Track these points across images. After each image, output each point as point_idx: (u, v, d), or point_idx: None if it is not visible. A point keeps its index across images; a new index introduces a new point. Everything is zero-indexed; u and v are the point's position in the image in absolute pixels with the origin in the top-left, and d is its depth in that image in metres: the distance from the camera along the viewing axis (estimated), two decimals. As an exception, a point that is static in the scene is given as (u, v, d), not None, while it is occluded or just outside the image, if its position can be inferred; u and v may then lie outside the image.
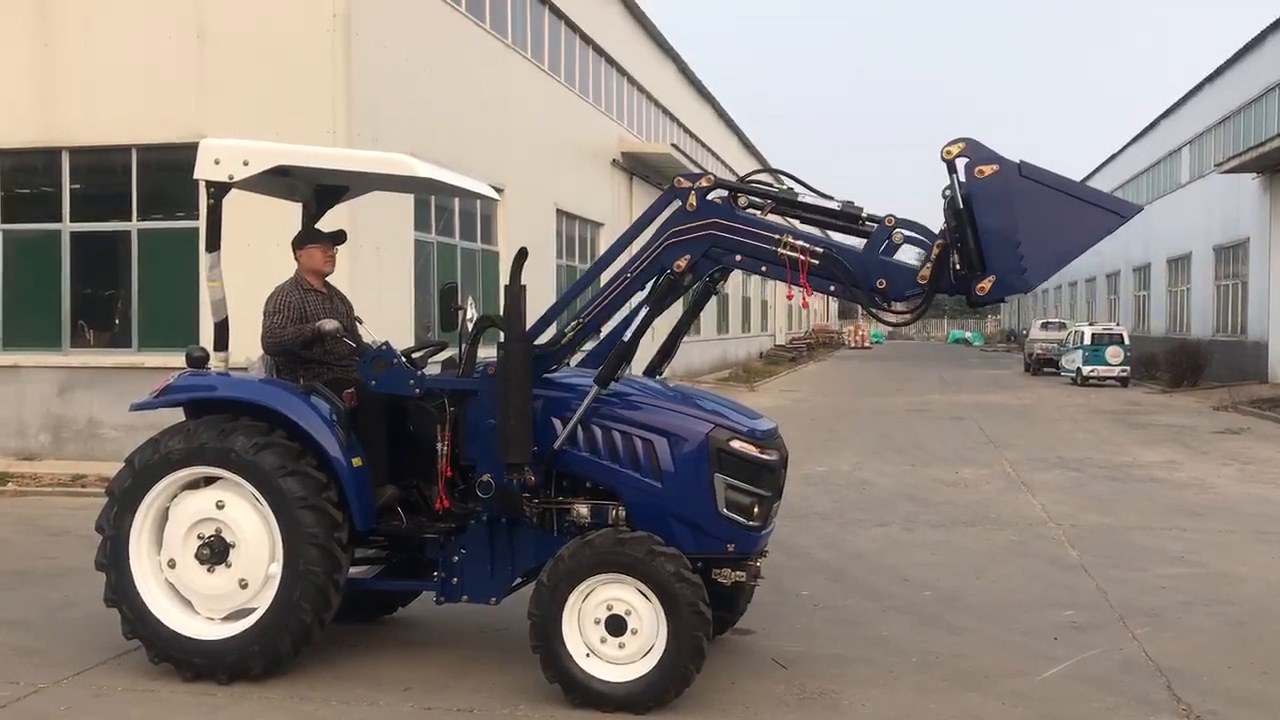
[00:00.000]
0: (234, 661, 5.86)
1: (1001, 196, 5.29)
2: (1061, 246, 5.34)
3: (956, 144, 5.35)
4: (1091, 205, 5.35)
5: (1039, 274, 5.35)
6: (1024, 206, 5.27)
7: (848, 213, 5.73)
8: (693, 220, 5.70)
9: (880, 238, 5.59)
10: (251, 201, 6.89)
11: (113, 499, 6.07)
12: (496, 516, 5.95)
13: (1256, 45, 32.01)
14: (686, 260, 5.70)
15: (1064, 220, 5.29)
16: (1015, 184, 5.29)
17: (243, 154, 6.10)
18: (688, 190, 5.73)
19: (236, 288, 6.52)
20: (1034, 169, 5.33)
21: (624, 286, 5.84)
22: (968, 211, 5.31)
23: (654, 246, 5.76)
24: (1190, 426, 20.98)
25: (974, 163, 5.32)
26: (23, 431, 14.56)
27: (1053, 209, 5.28)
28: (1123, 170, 49.63)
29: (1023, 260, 5.28)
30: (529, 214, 20.63)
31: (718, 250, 5.73)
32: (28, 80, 14.50)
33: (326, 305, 6.57)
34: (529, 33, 20.93)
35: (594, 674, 5.55)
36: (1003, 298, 5.41)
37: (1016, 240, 5.27)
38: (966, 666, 6.38)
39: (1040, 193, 5.29)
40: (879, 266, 5.58)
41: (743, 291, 45.25)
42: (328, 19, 13.63)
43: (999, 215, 5.29)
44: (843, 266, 5.58)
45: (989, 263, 5.30)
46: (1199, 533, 10.45)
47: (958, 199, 5.32)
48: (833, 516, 11.14)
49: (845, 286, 5.61)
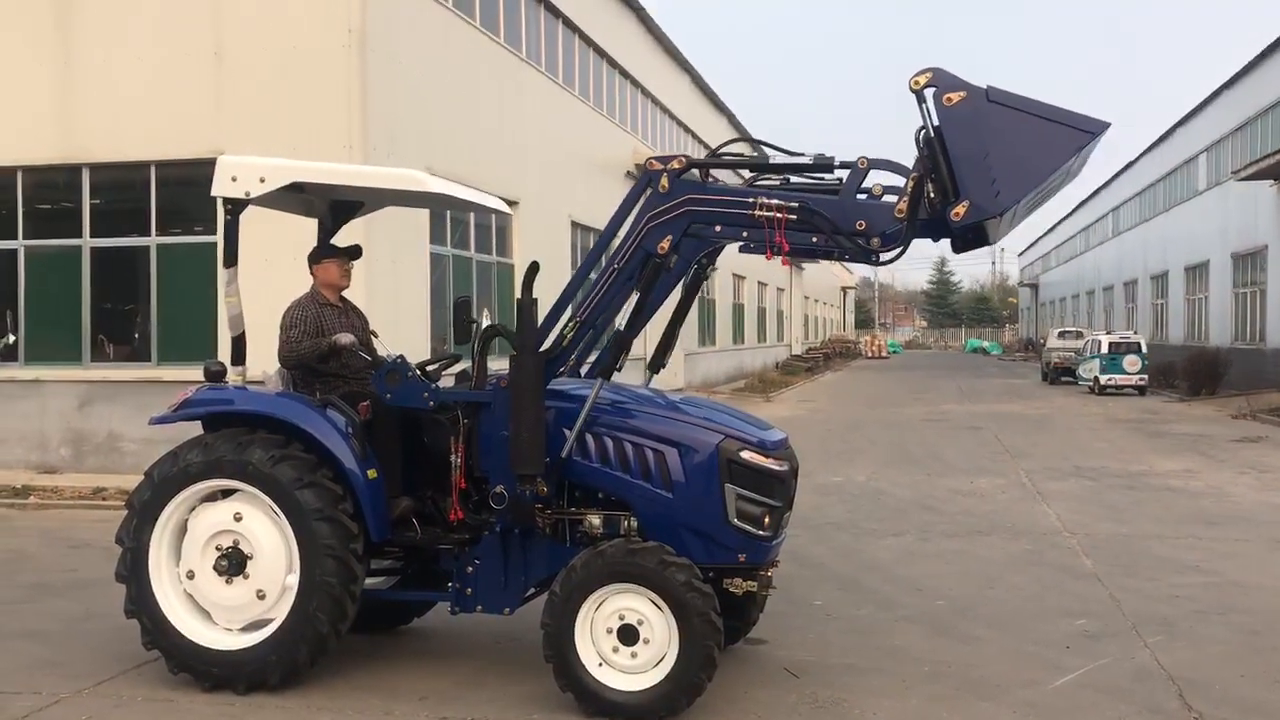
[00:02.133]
0: (251, 672, 5.93)
1: (971, 122, 5.31)
2: (1032, 166, 5.34)
3: (924, 74, 5.37)
4: (1059, 125, 5.34)
5: (1011, 194, 5.33)
6: (993, 130, 5.29)
7: (821, 164, 5.78)
8: (668, 201, 5.76)
9: (854, 180, 5.65)
10: (267, 217, 6.98)
11: (132, 511, 6.16)
12: (510, 527, 6.01)
13: (1271, 53, 31.90)
14: (669, 241, 5.74)
15: (1033, 140, 5.30)
16: (983, 108, 5.31)
17: (259, 171, 6.19)
18: (660, 173, 5.79)
19: (253, 302, 6.61)
20: (1001, 93, 5.35)
21: (614, 279, 5.87)
22: (939, 140, 5.35)
23: (635, 233, 5.81)
24: (1208, 435, 20.90)
25: (941, 91, 5.34)
26: (44, 445, 14.71)
27: (1021, 130, 5.30)
28: (1139, 178, 49.46)
29: (995, 183, 5.28)
30: (544, 226, 20.74)
31: (698, 225, 5.77)
32: (49, 98, 14.69)
33: (342, 319, 6.66)
34: (543, 46, 21.06)
35: (607, 683, 5.59)
36: (979, 222, 5.39)
37: (988, 163, 5.28)
38: (979, 676, 6.40)
39: (1008, 115, 5.31)
40: (856, 208, 5.62)
41: (758, 302, 45.28)
42: (343, 35, 13.78)
43: (969, 140, 5.31)
44: (820, 216, 5.60)
45: (962, 188, 5.32)
46: (1214, 541, 10.43)
47: (929, 128, 5.37)
48: (847, 526, 11.16)
49: (827, 236, 5.62)
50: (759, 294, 45.24)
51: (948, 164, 5.33)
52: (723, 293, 37.12)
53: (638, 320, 5.93)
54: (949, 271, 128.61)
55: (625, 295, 5.91)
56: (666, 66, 31.84)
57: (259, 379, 6.59)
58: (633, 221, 5.85)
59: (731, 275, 38.48)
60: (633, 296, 5.89)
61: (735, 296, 39.96)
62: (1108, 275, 56.72)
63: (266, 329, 6.68)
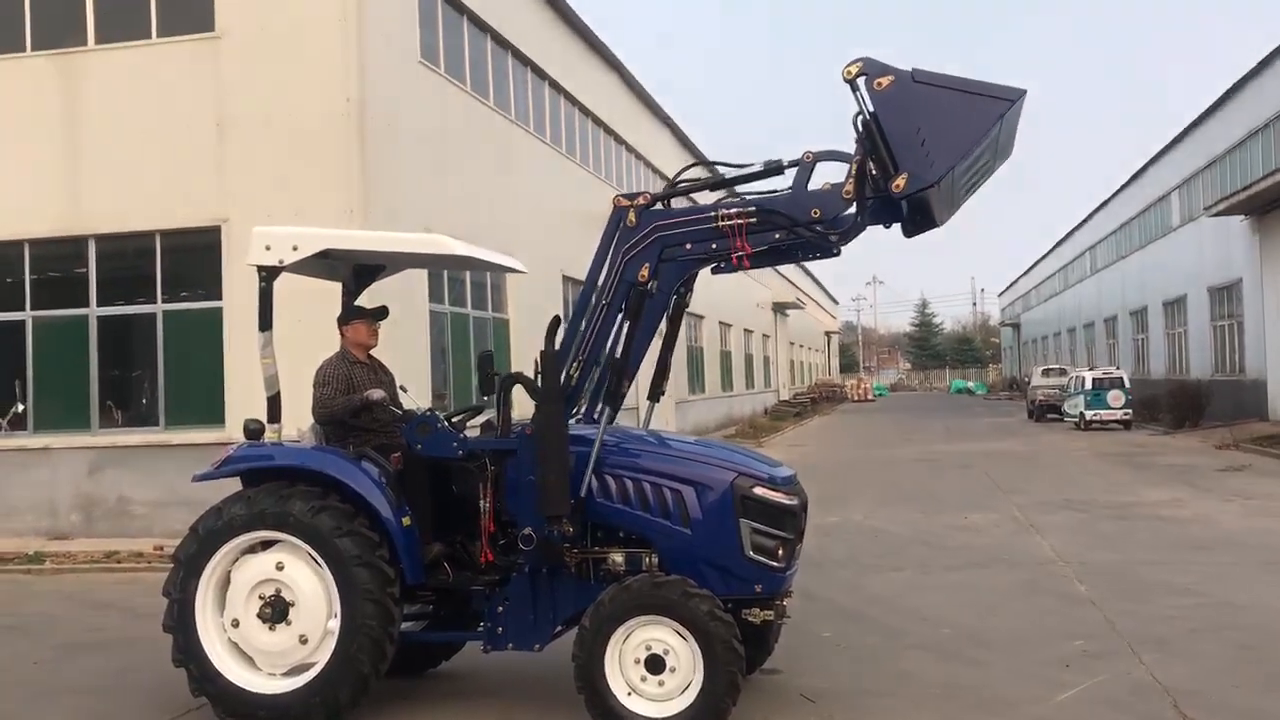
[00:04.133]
0: (297, 714, 6.22)
1: (900, 102, 5.83)
2: (959, 134, 5.82)
3: (855, 64, 5.87)
4: (979, 95, 5.84)
5: (943, 162, 5.81)
6: (921, 107, 5.81)
7: (771, 168, 6.24)
8: (638, 233, 6.23)
9: (803, 174, 6.10)
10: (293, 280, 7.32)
11: (178, 564, 6.47)
12: (537, 567, 6.35)
13: (1237, 91, 32.77)
14: (647, 269, 6.20)
15: (958, 112, 5.81)
16: (911, 89, 5.83)
17: (292, 239, 6.58)
18: (626, 209, 6.26)
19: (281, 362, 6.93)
20: (925, 74, 5.87)
21: (605, 314, 6.31)
22: (875, 122, 5.85)
23: (615, 269, 6.27)
24: (1193, 465, 21.33)
25: (872, 77, 5.86)
26: (54, 512, 14.93)
27: (946, 104, 5.81)
28: (1114, 216, 50.35)
29: (929, 155, 5.79)
30: (537, 281, 21.10)
31: (670, 250, 6.23)
32: (54, 172, 15.09)
33: (371, 376, 7.02)
34: (530, 107, 21.60)
35: (636, 711, 5.91)
36: (918, 191, 5.86)
37: (920, 137, 5.78)
38: (987, 695, 6.74)
39: (933, 93, 5.83)
40: (808, 199, 6.09)
41: (745, 348, 45.75)
42: (342, 104, 14.22)
43: (901, 119, 5.82)
44: (776, 214, 6.08)
45: (899, 162, 5.82)
46: (1204, 565, 10.80)
47: (865, 112, 5.87)
48: (849, 563, 11.49)
49: (787, 231, 6.09)
50: (745, 341, 45.72)
51: (885, 142, 5.84)
52: (711, 340, 37.56)
53: (632, 347, 6.34)
54: (931, 313, 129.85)
55: (618, 327, 6.34)
56: (648, 121, 32.49)
57: (294, 437, 6.93)
58: (610, 258, 6.31)
59: (718, 323, 38.95)
60: (624, 327, 6.32)
61: (722, 344, 40.41)
62: (1088, 312, 57.44)
63: (298, 388, 7.02)
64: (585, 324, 6.36)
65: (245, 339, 13.90)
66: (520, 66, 21.06)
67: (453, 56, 17.71)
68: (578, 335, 6.37)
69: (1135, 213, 46.32)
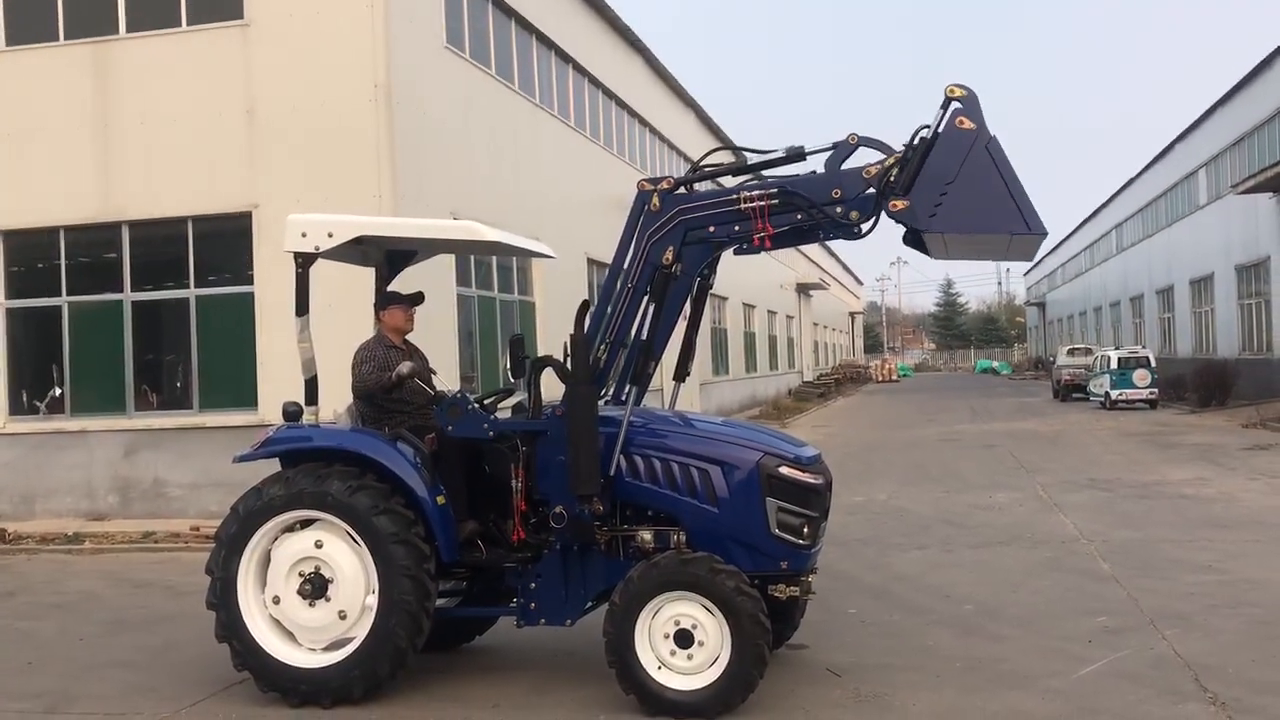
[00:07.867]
0: (337, 687, 6.42)
1: (960, 150, 5.90)
2: (973, 216, 5.92)
3: (962, 89, 5.96)
4: (1014, 205, 5.90)
5: (942, 224, 5.91)
6: (969, 170, 5.88)
7: (793, 155, 6.35)
8: (662, 216, 6.36)
9: (841, 152, 6.19)
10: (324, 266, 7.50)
11: (220, 544, 6.69)
12: (568, 545, 6.53)
13: (1265, 68, 32.53)
14: (671, 251, 6.32)
15: (989, 201, 5.89)
16: (976, 150, 5.91)
17: (327, 227, 6.76)
18: (651, 193, 6.38)
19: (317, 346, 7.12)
20: (998, 150, 5.93)
21: (631, 296, 6.44)
22: (928, 145, 5.94)
23: (640, 252, 6.40)
24: (1218, 445, 21.32)
25: (961, 111, 5.94)
26: (92, 494, 15.25)
27: (984, 185, 5.88)
28: (1141, 194, 50.03)
29: (937, 207, 5.88)
30: (562, 265, 21.28)
31: (694, 233, 6.35)
32: (89, 160, 15.34)
33: (406, 359, 7.19)
34: (555, 91, 21.71)
35: (666, 684, 6.08)
36: (906, 225, 5.96)
37: (944, 189, 5.87)
38: (1008, 669, 6.88)
39: (986, 167, 5.90)
40: (832, 177, 6.19)
41: (769, 330, 45.81)
42: (370, 90, 14.39)
43: (946, 162, 5.90)
44: (798, 195, 6.18)
45: (914, 191, 5.92)
46: (1226, 543, 10.88)
47: (930, 129, 5.96)
48: (873, 542, 11.63)
49: (807, 212, 6.18)
50: (769, 322, 45.77)
51: (919, 165, 5.93)
52: (734, 322, 37.64)
53: (658, 328, 6.47)
54: (955, 293, 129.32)
55: (643, 310, 6.47)
56: (672, 104, 32.53)
57: (330, 419, 7.12)
58: (635, 242, 6.45)
59: (742, 304, 39.02)
60: (651, 309, 6.45)
61: (746, 325, 40.49)
62: (1114, 291, 57.19)
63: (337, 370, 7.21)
64: (611, 307, 6.50)
65: (276, 323, 14.21)
66: (544, 50, 21.17)
67: (478, 41, 17.84)
68: (604, 318, 6.52)
69: (1162, 190, 46.05)
